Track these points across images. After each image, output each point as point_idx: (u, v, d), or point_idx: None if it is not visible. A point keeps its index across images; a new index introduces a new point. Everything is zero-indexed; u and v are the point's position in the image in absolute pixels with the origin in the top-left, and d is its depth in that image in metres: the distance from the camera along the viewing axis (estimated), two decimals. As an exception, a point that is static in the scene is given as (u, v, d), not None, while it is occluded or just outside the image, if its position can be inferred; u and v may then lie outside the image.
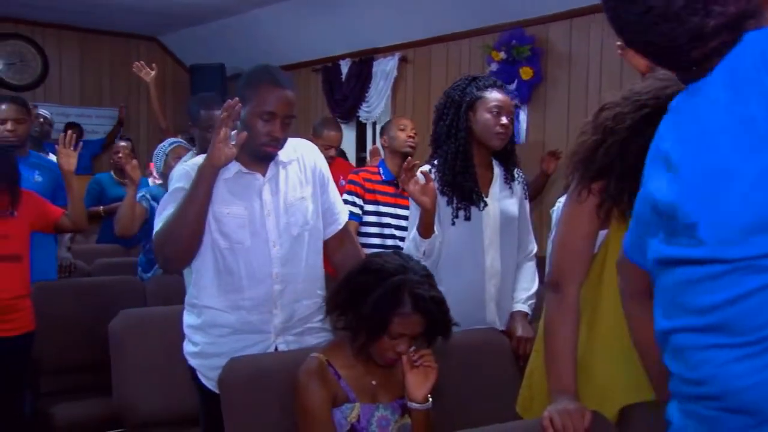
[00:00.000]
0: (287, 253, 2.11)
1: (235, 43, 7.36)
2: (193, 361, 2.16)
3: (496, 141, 2.47)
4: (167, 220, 2.03)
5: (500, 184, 2.54)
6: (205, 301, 2.12)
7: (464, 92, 2.49)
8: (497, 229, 2.48)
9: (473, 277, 2.44)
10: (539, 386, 1.83)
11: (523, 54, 5.09)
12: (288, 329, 2.14)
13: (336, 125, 4.41)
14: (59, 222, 3.16)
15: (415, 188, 2.34)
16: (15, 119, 3.42)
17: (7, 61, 7.74)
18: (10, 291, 2.90)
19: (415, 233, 2.40)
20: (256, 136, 2.03)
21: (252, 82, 2.07)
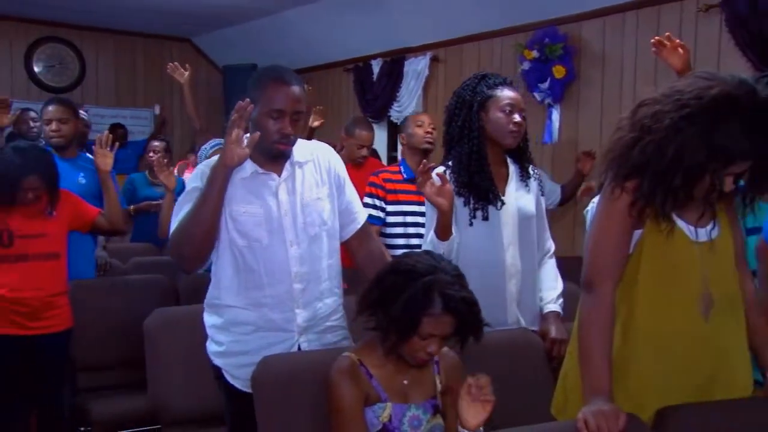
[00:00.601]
0: (305, 253, 2.12)
1: (268, 43, 7.41)
2: (219, 361, 2.17)
3: (509, 139, 2.45)
4: (182, 220, 2.06)
5: (516, 182, 2.51)
6: (227, 300, 2.13)
7: (475, 92, 2.47)
8: (516, 227, 2.46)
9: (494, 277, 2.41)
10: (574, 388, 1.81)
11: (556, 52, 5.04)
12: (310, 328, 2.15)
13: (368, 125, 4.41)
14: (96, 222, 3.21)
15: (431, 190, 2.32)
16: (59, 119, 3.50)
17: (47, 63, 7.90)
18: (49, 289, 2.97)
19: (432, 236, 2.38)
20: (267, 135, 2.05)
21: (259, 83, 2.09)
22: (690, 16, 4.43)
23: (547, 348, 2.41)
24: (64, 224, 3.06)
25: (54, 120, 3.50)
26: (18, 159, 2.86)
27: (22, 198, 2.88)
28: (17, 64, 7.76)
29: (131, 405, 3.12)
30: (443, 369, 1.93)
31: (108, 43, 8.24)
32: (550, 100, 5.24)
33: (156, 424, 2.88)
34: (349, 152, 4.13)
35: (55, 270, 3.00)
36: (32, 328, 2.93)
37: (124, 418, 3.11)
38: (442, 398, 1.91)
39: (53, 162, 3.00)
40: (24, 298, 2.91)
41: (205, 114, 8.68)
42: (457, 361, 1.95)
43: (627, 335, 1.76)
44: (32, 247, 2.93)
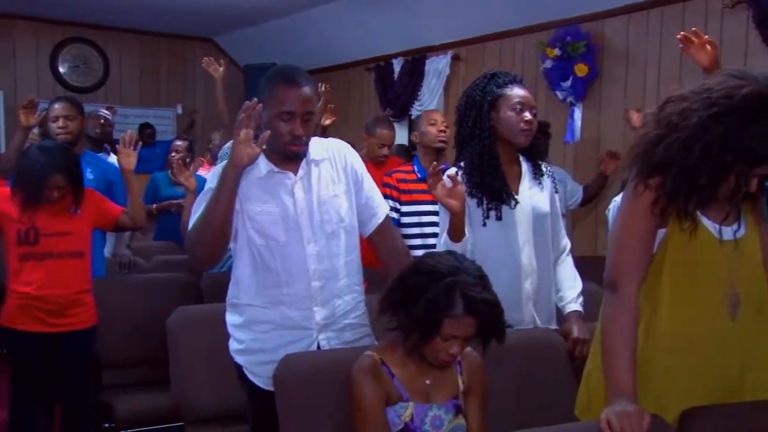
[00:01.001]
0: (322, 250, 2.12)
1: (289, 43, 7.44)
2: (239, 358, 2.18)
3: (521, 138, 2.43)
4: (195, 220, 2.07)
5: (529, 180, 2.49)
6: (246, 299, 2.14)
7: (485, 91, 2.44)
8: (530, 225, 2.44)
9: (509, 277, 2.39)
10: (597, 389, 1.80)
11: (578, 50, 5.01)
12: (329, 326, 2.15)
13: (389, 123, 4.40)
14: (119, 220, 3.24)
15: (442, 192, 2.31)
16: (66, 116, 3.55)
17: (72, 64, 8.00)
18: (74, 286, 3.00)
19: (445, 237, 2.37)
20: (279, 137, 2.05)
21: (269, 85, 2.09)
22: (716, 13, 4.38)
23: (569, 348, 2.39)
24: (89, 223, 3.10)
25: (60, 117, 3.55)
26: (43, 158, 2.89)
27: (47, 197, 2.91)
28: (43, 65, 7.87)
29: (154, 402, 3.14)
30: (466, 369, 1.92)
31: (131, 44, 8.32)
32: (573, 99, 5.21)
33: (179, 421, 2.90)
34: (370, 151, 4.13)
35: (80, 268, 3.04)
36: (57, 326, 2.97)
37: (147, 415, 3.13)
38: (464, 398, 1.90)
39: (78, 161, 3.04)
40: (50, 296, 2.94)
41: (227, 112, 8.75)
42: (480, 361, 1.94)
43: (651, 335, 1.74)
44: (57, 245, 2.96)
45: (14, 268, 2.97)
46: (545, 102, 5.41)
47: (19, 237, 2.93)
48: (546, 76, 5.28)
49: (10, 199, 2.95)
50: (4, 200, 2.96)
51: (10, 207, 2.94)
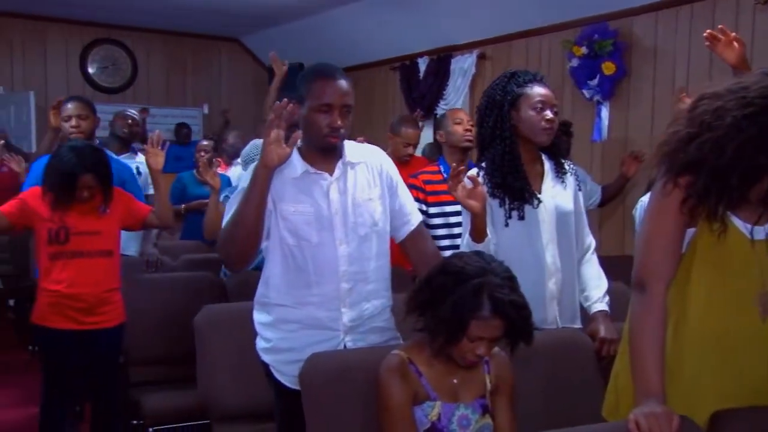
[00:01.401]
0: (354, 252, 2.13)
1: (314, 42, 7.46)
2: (266, 357, 2.20)
3: (543, 137, 2.42)
4: (227, 220, 2.08)
5: (552, 179, 2.48)
6: (275, 299, 2.15)
7: (505, 91, 2.43)
8: (554, 224, 2.43)
9: (534, 276, 2.37)
10: (625, 390, 1.79)
11: (606, 48, 4.97)
12: (356, 328, 2.16)
13: (414, 123, 4.40)
14: (147, 219, 3.27)
15: (463, 193, 2.30)
16: (79, 116, 3.59)
17: (101, 65, 8.12)
18: (104, 284, 3.04)
19: (468, 238, 2.37)
20: (317, 130, 2.07)
21: (306, 81, 2.11)
22: (747, 9, 4.32)
23: (596, 348, 2.38)
24: (117, 222, 3.13)
25: (73, 116, 3.60)
26: (74, 158, 2.92)
27: (77, 196, 2.95)
28: (73, 66, 7.99)
29: (182, 399, 3.16)
30: (494, 369, 1.91)
31: (159, 44, 8.41)
32: (599, 98, 5.17)
33: (206, 419, 2.92)
34: (395, 150, 4.13)
35: (109, 266, 3.08)
36: (87, 323, 3.01)
37: (174, 412, 3.16)
38: (491, 398, 1.90)
39: (107, 161, 3.07)
40: (80, 294, 2.98)
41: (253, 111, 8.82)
42: (508, 360, 1.94)
43: (680, 335, 1.72)
44: (87, 244, 3.00)
45: (45, 267, 3.01)
46: (571, 101, 5.38)
47: (50, 236, 2.97)
48: (572, 75, 5.24)
49: (41, 199, 2.99)
50: (35, 199, 3.01)
51: (41, 206, 2.98)
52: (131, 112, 4.92)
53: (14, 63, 7.70)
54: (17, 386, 4.63)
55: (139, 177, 4.50)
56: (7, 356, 5.43)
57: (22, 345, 5.46)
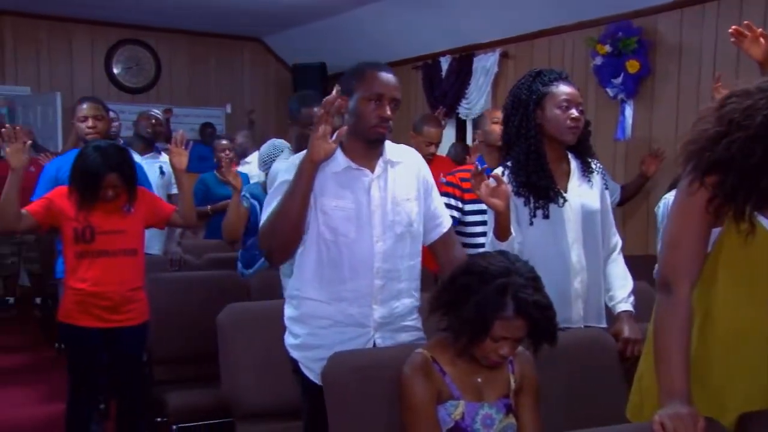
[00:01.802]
0: (389, 249, 2.15)
1: (336, 42, 7.48)
2: (295, 353, 2.21)
3: (569, 135, 2.41)
4: (270, 214, 2.10)
5: (578, 178, 2.47)
6: (307, 293, 2.17)
7: (530, 90, 2.44)
8: (579, 223, 2.42)
9: (559, 275, 2.37)
10: (649, 391, 1.77)
11: (630, 47, 4.93)
12: (386, 325, 2.17)
13: (436, 121, 4.39)
14: (171, 218, 3.30)
15: (486, 192, 2.30)
16: (94, 116, 3.61)
17: (125, 65, 8.20)
18: (129, 283, 3.08)
19: (492, 237, 2.37)
20: (366, 120, 2.09)
21: (357, 73, 2.15)
22: (775, 7, 4.26)
23: (620, 348, 2.36)
24: (142, 221, 3.16)
25: (90, 117, 3.62)
26: (99, 157, 2.95)
27: (102, 195, 2.98)
28: (98, 66, 8.07)
29: (205, 397, 3.19)
30: (518, 368, 1.91)
31: (182, 44, 8.47)
32: (623, 96, 5.13)
33: (229, 417, 2.94)
34: (418, 149, 4.10)
35: (134, 265, 3.11)
36: (113, 321, 3.04)
37: (198, 410, 3.18)
38: (515, 397, 1.89)
39: (132, 160, 3.10)
40: (105, 292, 3.02)
41: (275, 111, 8.86)
42: (531, 360, 1.93)
43: (705, 336, 1.71)
44: (112, 243, 3.03)
45: (71, 266, 3.05)
46: (595, 99, 5.34)
47: (76, 235, 3.01)
48: (596, 73, 5.21)
49: (67, 198, 3.03)
50: (61, 199, 3.04)
51: (67, 205, 3.02)
52: (155, 112, 4.97)
53: (41, 64, 7.79)
54: (44, 383, 4.68)
55: (162, 177, 4.54)
56: (33, 354, 5.51)
57: (49, 343, 5.54)
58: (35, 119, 7.41)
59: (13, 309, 6.88)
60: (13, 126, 3.09)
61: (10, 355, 5.50)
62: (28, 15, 7.57)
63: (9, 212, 2.94)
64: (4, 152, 2.94)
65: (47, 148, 6.45)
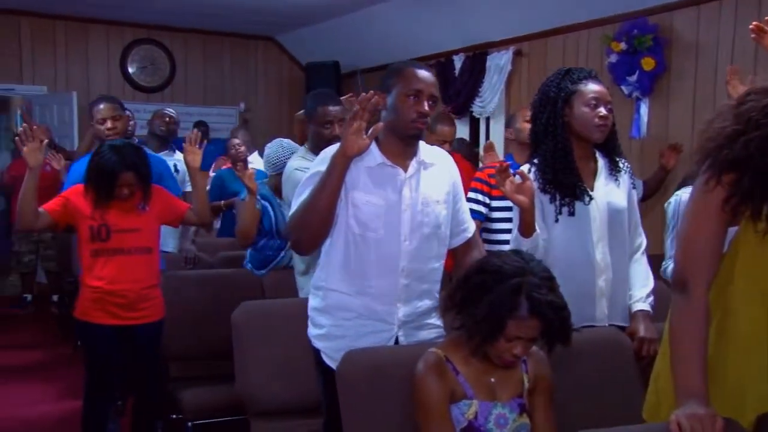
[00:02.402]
0: (415, 250, 2.16)
1: (349, 41, 7.48)
2: (318, 343, 2.23)
3: (596, 133, 2.41)
4: (300, 205, 2.12)
5: (605, 176, 2.47)
6: (332, 285, 2.19)
7: (559, 87, 2.44)
8: (605, 222, 2.42)
9: (583, 273, 2.38)
10: (666, 391, 1.75)
11: (645, 44, 4.89)
12: (409, 323, 2.19)
13: (449, 120, 4.39)
14: (185, 216, 3.31)
15: (511, 188, 2.31)
16: (113, 117, 3.59)
17: (140, 65, 8.23)
18: (143, 281, 3.09)
19: (516, 233, 2.38)
20: (405, 115, 2.11)
21: (396, 70, 2.18)
22: (794, 3, 4.21)
23: (635, 347, 2.35)
24: (156, 219, 3.18)
25: (108, 118, 3.58)
26: (114, 156, 2.98)
27: (117, 193, 3.00)
28: (113, 66, 8.12)
29: (220, 395, 3.20)
30: (531, 368, 1.90)
31: (196, 43, 8.51)
32: (639, 94, 5.09)
33: (243, 414, 2.94)
34: (431, 148, 4.11)
35: (149, 263, 3.12)
36: (128, 319, 3.06)
37: (213, 407, 3.20)
38: (528, 397, 1.88)
39: (147, 159, 3.11)
40: (121, 290, 3.03)
41: (287, 110, 8.87)
42: (545, 359, 1.93)
43: (724, 336, 1.69)
44: (127, 241, 3.05)
45: (87, 264, 3.07)
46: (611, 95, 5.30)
47: (92, 233, 3.03)
48: (611, 71, 5.17)
49: (83, 197, 3.05)
50: (77, 197, 3.06)
51: (84, 204, 3.04)
52: (169, 111, 4.99)
53: (57, 63, 7.84)
54: (61, 380, 4.73)
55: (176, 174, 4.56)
56: (51, 351, 5.55)
57: (66, 340, 5.58)
58: (51, 118, 7.47)
59: (30, 306, 6.95)
60: (30, 125, 3.11)
61: (27, 351, 5.55)
62: (46, 15, 7.63)
63: (27, 211, 2.96)
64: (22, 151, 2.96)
65: (64, 146, 6.51)
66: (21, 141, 2.95)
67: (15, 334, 6.09)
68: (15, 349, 5.62)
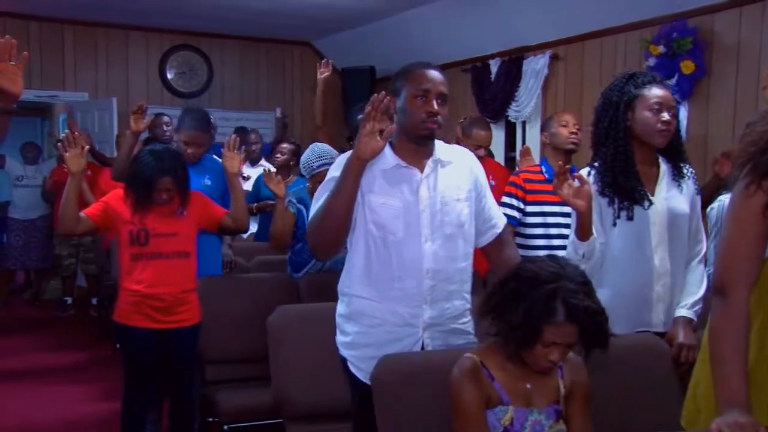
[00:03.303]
0: (439, 250, 2.14)
1: (385, 45, 7.50)
2: (345, 352, 2.23)
3: (658, 138, 2.40)
4: (316, 210, 2.13)
5: (667, 182, 2.46)
6: (356, 290, 2.18)
7: (622, 92, 2.43)
8: (665, 227, 2.41)
9: (641, 277, 2.39)
10: (706, 399, 1.73)
11: (685, 47, 4.83)
12: (436, 325, 2.17)
13: (485, 125, 4.38)
14: (222, 221, 3.35)
15: (569, 192, 2.30)
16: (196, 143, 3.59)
17: (178, 70, 8.35)
18: (180, 285, 3.14)
19: (573, 236, 2.37)
20: (415, 116, 2.11)
21: (404, 72, 2.18)
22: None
23: (674, 354, 2.33)
24: (194, 224, 3.22)
25: (191, 144, 3.58)
26: (154, 161, 3.04)
27: (156, 198, 3.05)
28: (152, 72, 8.25)
29: (256, 398, 3.22)
30: (568, 374, 1.89)
31: (233, 49, 8.60)
32: (678, 97, 4.98)
33: (279, 418, 2.97)
34: (467, 153, 4.11)
35: (187, 267, 3.17)
36: (166, 322, 3.11)
37: (249, 411, 3.22)
38: (565, 404, 1.87)
39: (185, 164, 3.17)
40: (159, 294, 3.09)
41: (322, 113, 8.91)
42: (582, 365, 1.91)
43: (764, 342, 1.66)
44: (166, 245, 3.10)
45: (126, 268, 3.12)
46: (649, 101, 5.23)
47: (131, 237, 3.09)
48: (649, 74, 5.11)
49: (123, 201, 3.11)
50: (117, 202, 3.13)
51: (124, 208, 3.10)
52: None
53: (98, 70, 8.00)
54: (101, 381, 4.82)
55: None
56: (91, 353, 5.66)
57: (105, 342, 5.68)
58: (92, 124, 7.62)
59: (71, 309, 7.09)
60: (72, 131, 3.18)
61: (68, 353, 5.67)
62: (87, 23, 7.79)
63: (68, 215, 3.03)
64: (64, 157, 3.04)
65: (104, 153, 6.64)
66: (63, 147, 3.03)
67: (56, 336, 6.21)
68: (56, 351, 5.74)
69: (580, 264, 2.41)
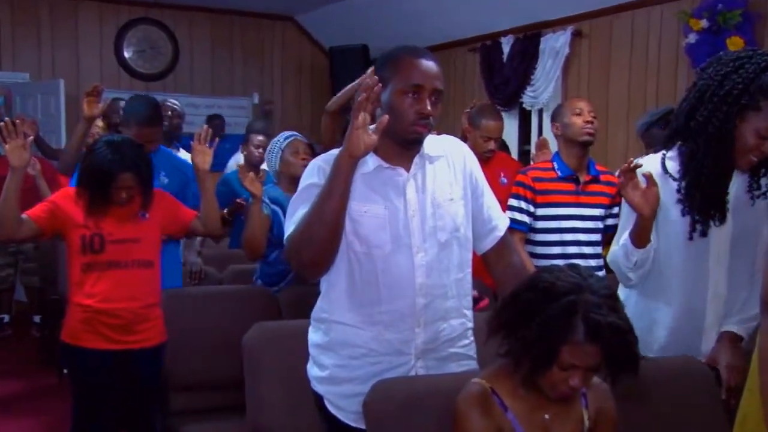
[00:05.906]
0: (432, 261, 2.11)
1: (380, 20, 7.51)
2: (320, 388, 2.20)
3: (744, 166, 2.36)
4: (301, 221, 2.05)
5: (738, 194, 2.43)
6: (336, 316, 2.15)
7: (746, 89, 2.26)
8: (727, 246, 2.41)
9: (694, 298, 2.40)
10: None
11: (732, 21, 4.85)
12: (430, 351, 2.15)
13: (496, 113, 4.39)
14: (191, 225, 3.34)
15: (635, 194, 2.30)
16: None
17: (137, 48, 8.33)
18: (143, 299, 3.12)
19: (626, 239, 2.38)
20: (403, 117, 2.04)
21: (390, 60, 2.11)
22: None
23: (726, 378, 2.34)
24: (158, 228, 3.20)
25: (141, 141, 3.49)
26: (111, 154, 3.00)
27: (114, 197, 3.02)
28: (106, 50, 8.23)
29: (228, 429, 3.21)
30: (592, 402, 1.90)
31: (203, 24, 8.59)
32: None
33: (256, 453, 2.98)
34: (474, 146, 4.11)
35: (149, 279, 3.15)
36: (124, 342, 3.08)
37: (220, 445, 3.23)
38: (590, 437, 1.88)
39: (149, 159, 3.14)
40: (116, 309, 3.05)
41: (309, 102, 8.94)
42: (609, 393, 1.92)
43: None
44: (125, 253, 3.08)
45: (76, 279, 3.09)
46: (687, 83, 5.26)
47: (83, 244, 3.05)
48: (689, 53, 5.14)
49: (74, 201, 3.07)
50: (68, 202, 3.09)
51: (75, 210, 3.07)
52: (172, 102, 5.04)
53: (42, 47, 7.97)
54: (44, 414, 4.76)
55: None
56: (31, 380, 5.58)
57: (49, 367, 5.64)
58: (35, 110, 7.59)
59: (8, 328, 7.04)
60: (12, 119, 3.14)
61: (4, 381, 5.57)
62: (28, -8, 7.78)
63: (8, 217, 2.98)
64: (4, 149, 3.00)
65: (49, 142, 6.62)
66: (2, 137, 2.98)
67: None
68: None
69: (628, 273, 2.44)
